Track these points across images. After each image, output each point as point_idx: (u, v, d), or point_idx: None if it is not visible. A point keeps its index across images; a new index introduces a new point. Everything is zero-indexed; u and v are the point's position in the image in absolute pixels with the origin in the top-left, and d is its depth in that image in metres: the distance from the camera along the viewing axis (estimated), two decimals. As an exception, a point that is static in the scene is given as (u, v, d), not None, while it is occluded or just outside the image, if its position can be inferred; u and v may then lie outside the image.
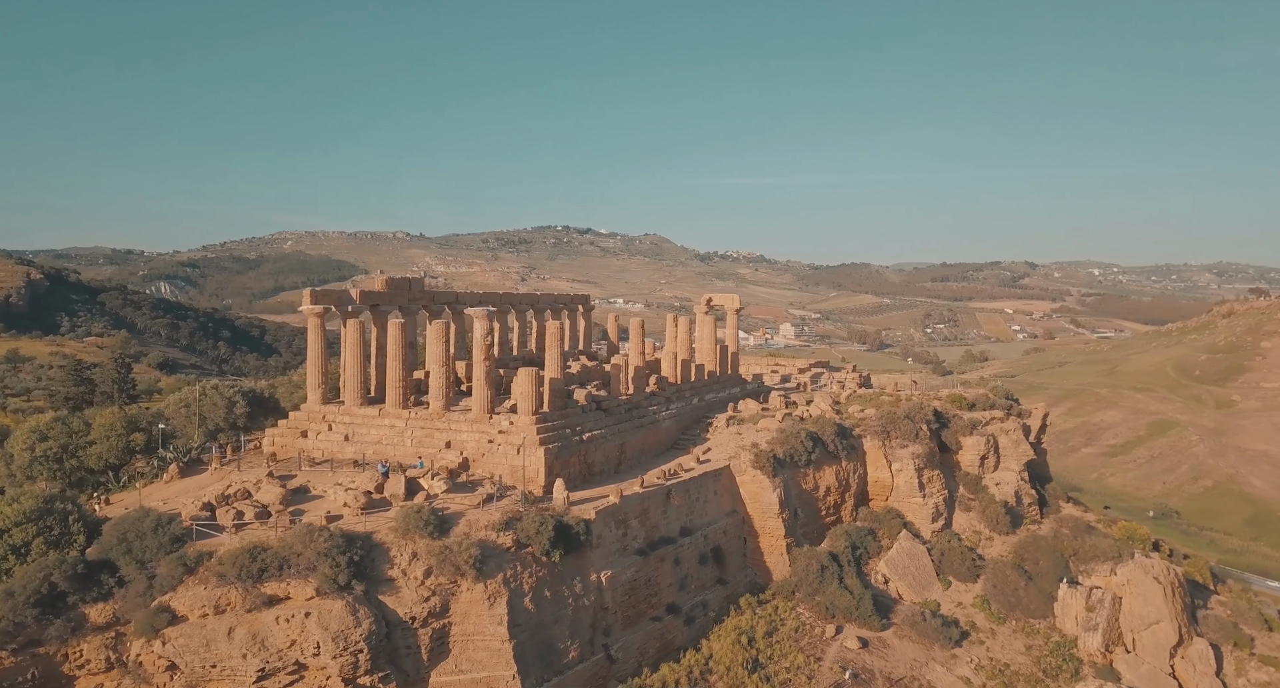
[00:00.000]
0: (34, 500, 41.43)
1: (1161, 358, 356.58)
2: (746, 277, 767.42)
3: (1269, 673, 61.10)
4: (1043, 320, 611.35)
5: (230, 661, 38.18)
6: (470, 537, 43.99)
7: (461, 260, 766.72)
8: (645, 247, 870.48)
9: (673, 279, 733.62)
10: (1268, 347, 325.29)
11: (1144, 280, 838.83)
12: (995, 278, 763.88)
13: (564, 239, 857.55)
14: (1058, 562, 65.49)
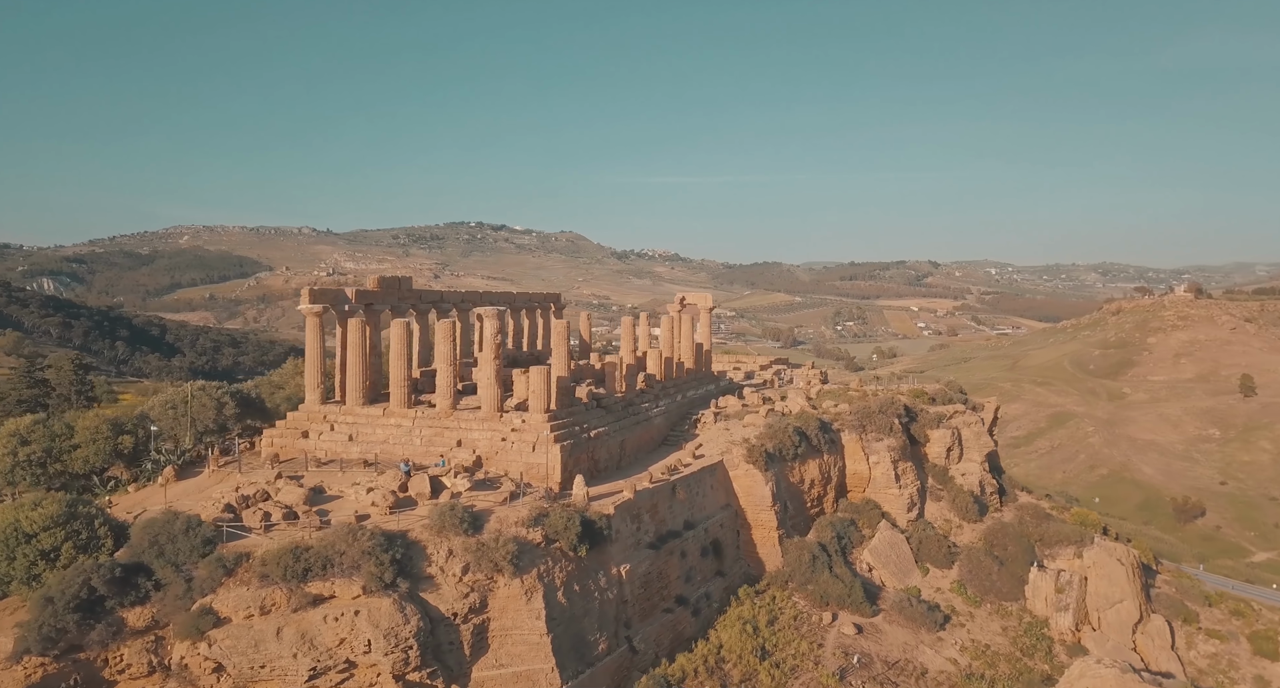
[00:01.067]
0: (58, 505, 40.61)
1: (1059, 353, 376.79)
2: (663, 275, 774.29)
3: (1215, 645, 66.72)
4: (946, 318, 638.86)
5: (280, 661, 38.09)
6: (503, 533, 44.54)
7: (371, 257, 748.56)
8: (562, 244, 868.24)
9: (590, 277, 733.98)
10: (1153, 342, 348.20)
11: (1037, 279, 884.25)
12: (901, 277, 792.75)
13: (478, 236, 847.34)
14: (1025, 547, 69.78)
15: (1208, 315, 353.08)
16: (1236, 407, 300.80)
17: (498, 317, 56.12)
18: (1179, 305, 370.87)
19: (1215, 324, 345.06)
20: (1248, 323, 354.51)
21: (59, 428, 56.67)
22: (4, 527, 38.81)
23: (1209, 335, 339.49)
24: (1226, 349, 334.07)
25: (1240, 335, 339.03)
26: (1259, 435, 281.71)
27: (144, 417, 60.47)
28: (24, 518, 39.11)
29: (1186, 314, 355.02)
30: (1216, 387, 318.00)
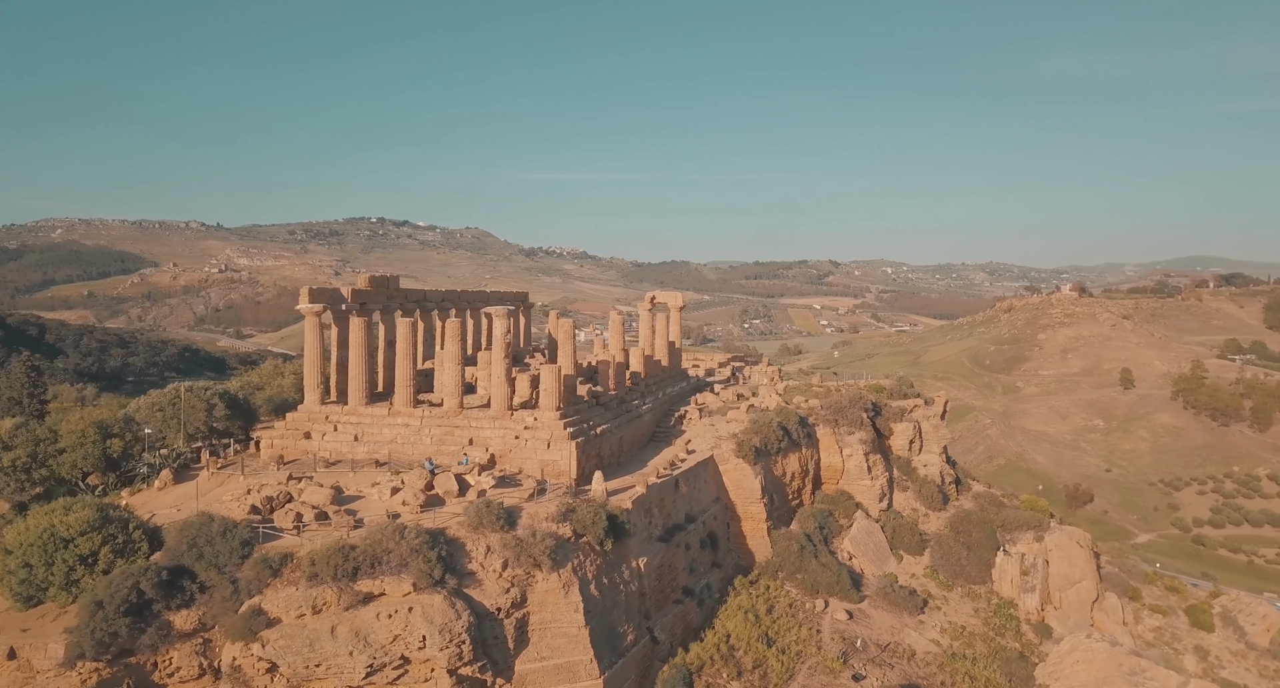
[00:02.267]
0: (91, 509, 40.16)
1: (957, 349, 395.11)
2: (572, 272, 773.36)
3: (1158, 619, 72.58)
4: (847, 315, 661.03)
5: (337, 659, 38.22)
6: (537, 529, 45.34)
7: (267, 253, 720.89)
8: (467, 240, 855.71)
9: (498, 274, 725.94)
10: (1043, 338, 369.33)
11: (930, 278, 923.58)
12: (803, 276, 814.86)
13: (380, 232, 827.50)
14: (988, 533, 74.21)
15: (1090, 313, 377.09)
16: (1118, 399, 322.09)
17: (507, 316, 56.47)
18: (1065, 304, 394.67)
19: (1097, 321, 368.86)
20: (1125, 320, 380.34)
21: (42, 432, 54.53)
22: (40, 533, 38.13)
23: (1092, 332, 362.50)
24: (1108, 345, 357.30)
25: (1119, 332, 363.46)
26: (1138, 425, 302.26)
27: (130, 420, 58.24)
28: (59, 523, 38.53)
29: (1072, 312, 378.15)
30: (1100, 380, 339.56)
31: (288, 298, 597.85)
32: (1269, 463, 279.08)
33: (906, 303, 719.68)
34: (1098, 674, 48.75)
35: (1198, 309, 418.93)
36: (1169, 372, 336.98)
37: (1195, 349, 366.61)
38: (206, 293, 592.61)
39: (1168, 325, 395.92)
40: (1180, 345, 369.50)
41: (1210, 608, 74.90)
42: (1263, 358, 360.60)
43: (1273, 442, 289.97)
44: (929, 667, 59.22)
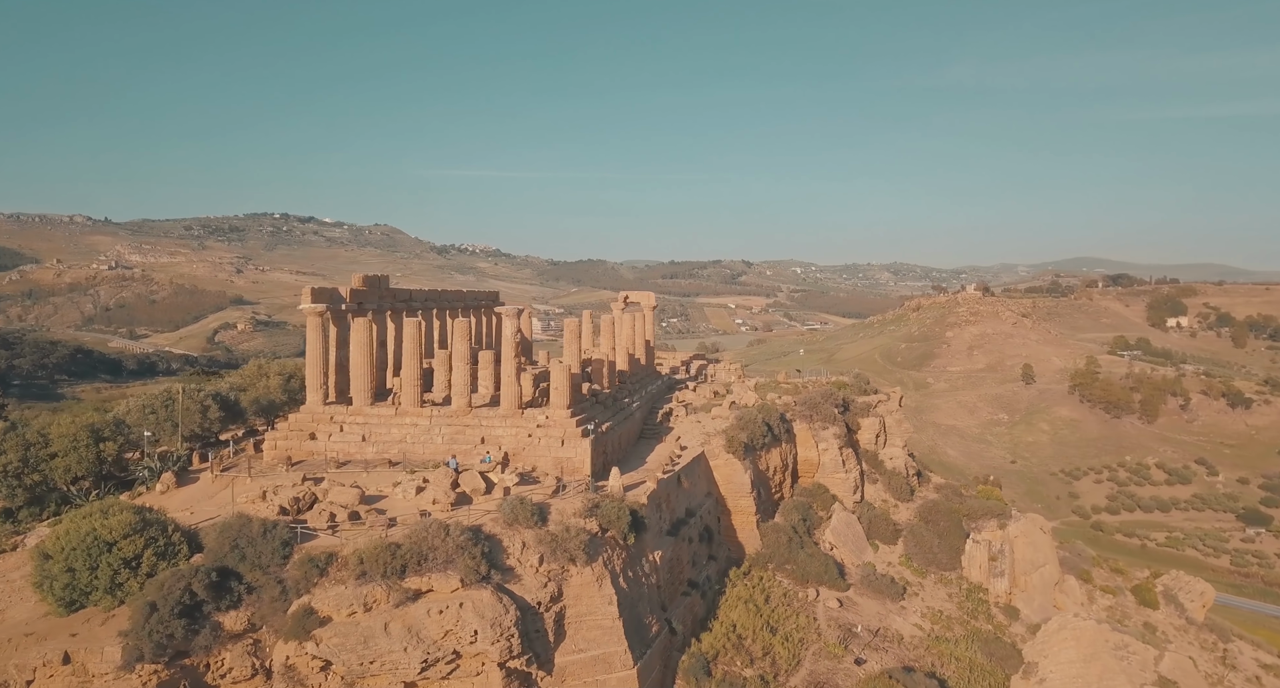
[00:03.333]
0: (129, 512, 39.82)
1: (869, 347, 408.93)
2: (487, 271, 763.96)
3: (1109, 599, 77.86)
4: (761, 314, 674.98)
5: (391, 655, 38.56)
6: (568, 525, 46.24)
7: (161, 249, 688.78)
8: (376, 238, 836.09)
9: (409, 272, 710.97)
10: (951, 336, 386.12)
11: (838, 278, 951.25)
12: (718, 275, 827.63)
13: (283, 228, 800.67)
14: (955, 522, 78.07)
15: (994, 312, 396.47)
16: (1020, 393, 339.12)
17: (516, 316, 56.76)
18: (970, 303, 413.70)
19: (1000, 320, 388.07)
20: (1024, 318, 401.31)
21: (32, 436, 52.69)
22: (83, 537, 37.73)
23: (995, 330, 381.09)
24: (1010, 342, 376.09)
25: (1020, 329, 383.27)
26: (1039, 419, 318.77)
27: (121, 423, 56.26)
28: (100, 527, 38.19)
29: (977, 311, 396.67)
30: (1003, 375, 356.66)
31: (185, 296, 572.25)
32: (1157, 452, 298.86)
33: (816, 302, 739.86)
34: (1086, 650, 52.46)
35: (1089, 308, 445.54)
36: (1066, 367, 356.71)
37: (1088, 346, 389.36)
38: (95, 291, 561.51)
39: (1063, 323, 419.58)
40: (1075, 342, 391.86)
41: (1154, 587, 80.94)
42: (1148, 353, 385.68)
43: (1159, 432, 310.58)
44: (917, 650, 62.31)
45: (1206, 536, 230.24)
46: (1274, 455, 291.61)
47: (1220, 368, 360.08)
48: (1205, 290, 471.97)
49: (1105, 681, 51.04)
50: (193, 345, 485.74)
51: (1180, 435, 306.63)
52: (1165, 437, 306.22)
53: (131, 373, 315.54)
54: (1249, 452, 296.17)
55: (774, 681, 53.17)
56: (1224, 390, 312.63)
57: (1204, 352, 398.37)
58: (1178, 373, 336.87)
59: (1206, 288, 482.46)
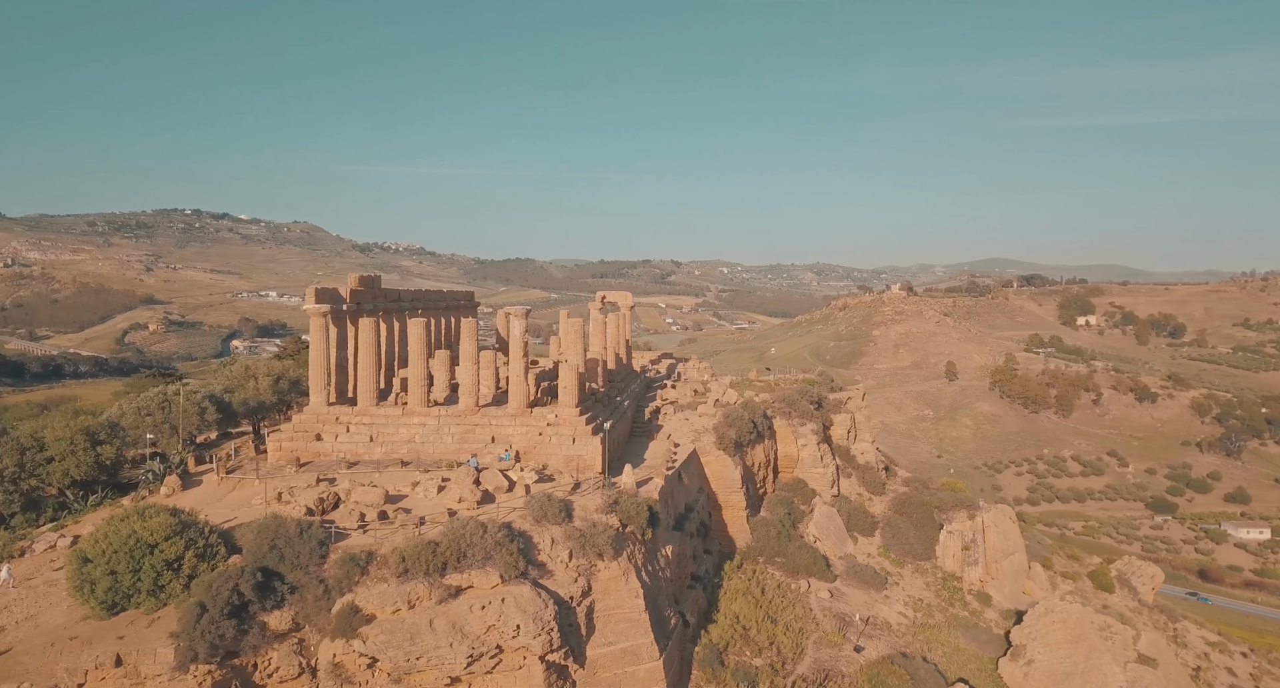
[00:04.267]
0: (165, 514, 39.49)
1: (799, 345, 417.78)
2: (411, 269, 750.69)
3: (1070, 584, 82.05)
4: (690, 314, 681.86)
5: (438, 650, 38.98)
6: (593, 521, 47.18)
7: (63, 246, 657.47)
8: (296, 235, 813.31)
9: (331, 271, 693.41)
10: (877, 334, 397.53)
11: (763, 278, 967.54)
12: (647, 275, 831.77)
13: (195, 225, 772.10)
14: (927, 514, 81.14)
15: (918, 311, 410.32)
16: (944, 390, 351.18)
17: (524, 317, 57.05)
18: (895, 302, 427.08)
19: (924, 318, 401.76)
20: (946, 317, 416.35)
21: (27, 441, 51.23)
22: (124, 539, 37.43)
23: (919, 328, 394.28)
24: (933, 340, 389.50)
25: (943, 328, 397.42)
26: (962, 414, 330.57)
27: (115, 425, 54.47)
28: (140, 529, 37.95)
29: (901, 310, 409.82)
30: (928, 373, 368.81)
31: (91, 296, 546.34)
32: (1072, 445, 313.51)
33: (744, 301, 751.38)
34: (1073, 632, 55.67)
35: (1005, 307, 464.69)
36: (986, 364, 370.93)
37: (1006, 343, 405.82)
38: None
39: (981, 322, 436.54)
40: (994, 340, 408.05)
41: (1109, 572, 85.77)
42: (1061, 351, 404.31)
43: (1074, 426, 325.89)
44: (905, 636, 64.89)
45: (1119, 524, 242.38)
46: (1178, 447, 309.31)
47: (1127, 364, 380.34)
48: (1111, 290, 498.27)
49: (1091, 660, 54.28)
50: (100, 347, 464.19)
51: (1093, 429, 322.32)
52: (1079, 430, 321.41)
53: (36, 376, 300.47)
54: (1155, 444, 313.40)
55: (782, 669, 54.84)
56: (1132, 386, 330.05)
57: (1111, 348, 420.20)
58: (1090, 369, 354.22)
59: (1112, 288, 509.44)
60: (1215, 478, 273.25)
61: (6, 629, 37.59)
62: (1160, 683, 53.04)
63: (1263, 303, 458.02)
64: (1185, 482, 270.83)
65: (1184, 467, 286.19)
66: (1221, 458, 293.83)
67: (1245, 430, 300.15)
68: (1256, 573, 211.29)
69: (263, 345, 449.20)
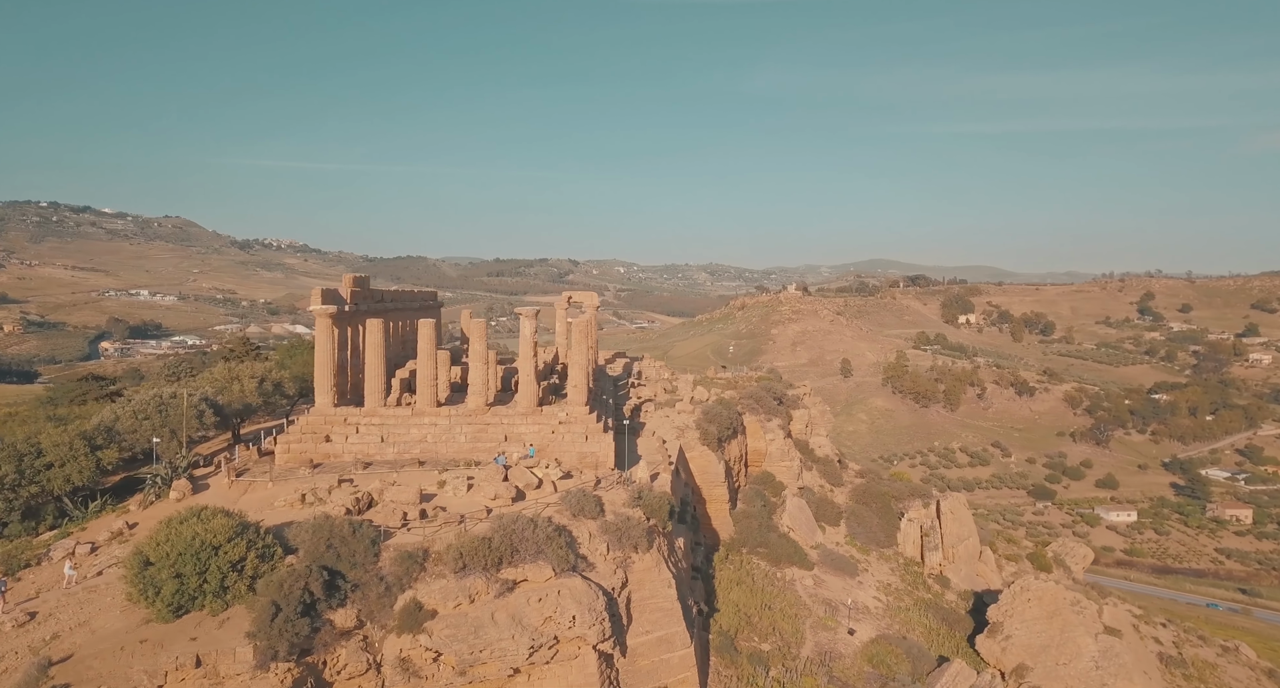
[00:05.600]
0: (222, 516, 39.59)
1: (701, 344, 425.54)
2: (296, 267, 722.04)
3: (1013, 566, 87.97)
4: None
5: (500, 643, 40.11)
6: (625, 515, 48.66)
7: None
8: (168, 230, 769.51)
9: (208, 268, 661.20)
10: (776, 333, 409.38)
11: (659, 277, 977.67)
12: (545, 274, 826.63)
13: (52, 218, 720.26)
14: (885, 503, 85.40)
15: (813, 310, 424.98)
16: (840, 386, 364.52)
17: (534, 318, 57.60)
18: (792, 302, 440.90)
19: (819, 317, 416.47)
20: (839, 315, 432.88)
21: (24, 447, 50.01)
22: (189, 542, 37.37)
23: (815, 327, 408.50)
24: (829, 338, 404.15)
25: (837, 326, 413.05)
26: (858, 409, 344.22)
27: (111, 429, 52.08)
28: (203, 531, 37.96)
29: (798, 309, 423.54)
30: (824, 369, 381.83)
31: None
32: (960, 438, 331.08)
33: (643, 301, 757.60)
34: (1049, 608, 60.35)
35: (893, 306, 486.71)
36: (878, 361, 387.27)
37: (896, 341, 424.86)
38: None
39: (872, 321, 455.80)
40: (884, 338, 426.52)
41: (1046, 554, 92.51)
42: (946, 348, 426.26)
43: (961, 419, 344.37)
44: (884, 619, 68.60)
45: (1006, 511, 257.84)
46: (1054, 437, 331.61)
47: (1005, 360, 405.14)
48: (988, 290, 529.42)
49: (1066, 633, 59.07)
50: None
51: (978, 422, 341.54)
52: (966, 423, 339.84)
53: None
54: (1034, 434, 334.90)
55: (788, 653, 57.42)
56: (1012, 381, 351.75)
57: (990, 345, 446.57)
58: (973, 365, 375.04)
59: (989, 288, 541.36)
60: (1087, 466, 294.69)
61: (62, 636, 36.78)
62: (1127, 651, 58.36)
63: (1121, 302, 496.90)
64: (1062, 470, 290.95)
65: (1060, 456, 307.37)
66: (1092, 447, 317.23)
67: (1112, 421, 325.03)
68: (1127, 553, 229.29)
69: (136, 347, 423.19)
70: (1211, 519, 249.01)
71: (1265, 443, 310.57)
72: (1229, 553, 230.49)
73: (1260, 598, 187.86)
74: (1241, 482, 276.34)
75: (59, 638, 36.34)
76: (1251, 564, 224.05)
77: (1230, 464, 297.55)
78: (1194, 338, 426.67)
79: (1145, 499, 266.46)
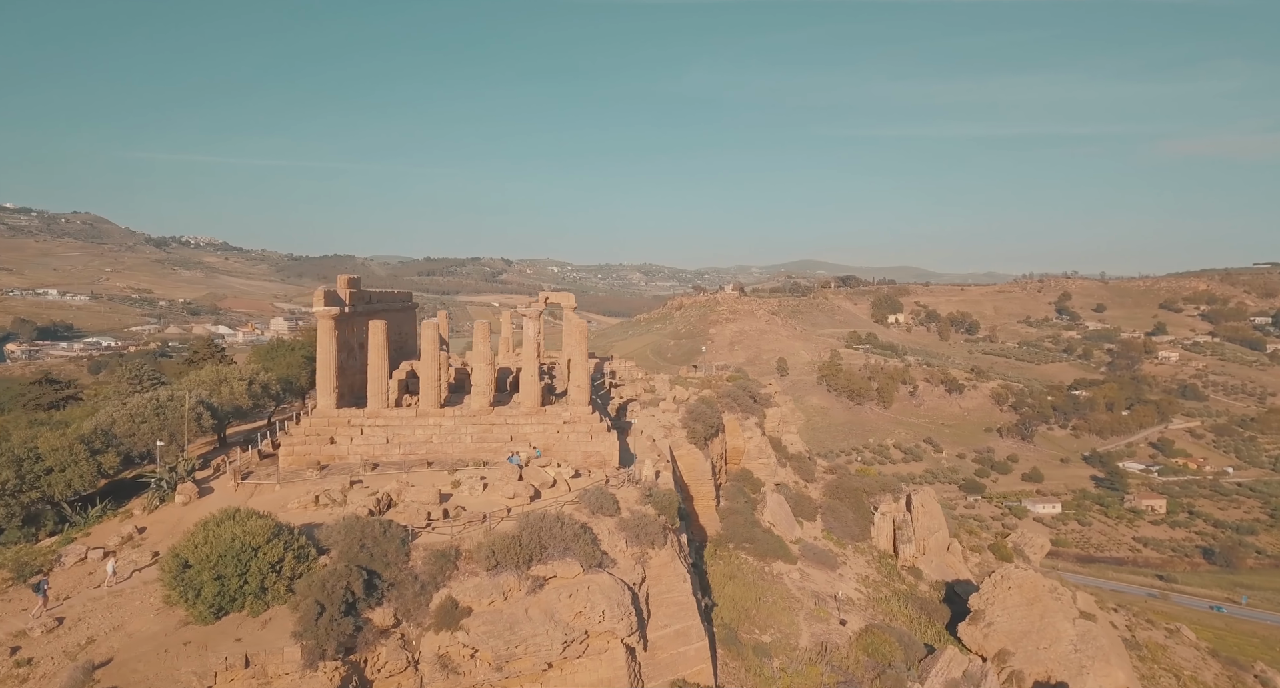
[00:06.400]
0: (259, 518, 39.79)
1: (641, 343, 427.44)
2: (217, 266, 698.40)
3: (978, 556, 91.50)
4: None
5: (536, 638, 41.08)
6: (641, 512, 49.57)
7: None
8: (76, 227, 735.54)
9: (121, 267, 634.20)
10: (714, 333, 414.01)
11: (593, 277, 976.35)
12: (478, 273, 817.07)
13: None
14: (857, 498, 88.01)
15: (750, 310, 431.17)
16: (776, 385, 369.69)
17: (538, 319, 57.81)
18: (729, 302, 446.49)
19: (755, 317, 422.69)
20: (774, 315, 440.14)
21: (22, 451, 49.06)
22: (229, 544, 37.53)
23: (752, 326, 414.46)
24: (765, 337, 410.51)
25: (773, 326, 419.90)
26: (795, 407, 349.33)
27: (108, 433, 50.35)
28: (242, 533, 38.15)
29: (735, 309, 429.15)
30: (761, 368, 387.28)
31: None
32: (894, 434, 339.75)
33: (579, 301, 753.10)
34: (1028, 595, 63.26)
35: (825, 306, 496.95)
36: (813, 360, 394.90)
37: (829, 340, 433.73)
38: None
39: (805, 320, 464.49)
40: (818, 337, 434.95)
41: (1007, 545, 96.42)
42: (877, 347, 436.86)
43: (894, 416, 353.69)
44: (868, 609, 70.82)
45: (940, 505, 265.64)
46: (982, 433, 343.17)
47: (935, 358, 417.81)
48: (916, 291, 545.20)
49: (1045, 619, 62.07)
50: None
51: (911, 419, 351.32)
52: (899, 420, 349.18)
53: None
54: (963, 430, 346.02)
55: (787, 643, 59.00)
56: (943, 378, 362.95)
57: (918, 344, 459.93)
58: (905, 364, 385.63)
59: (917, 288, 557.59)
60: (1014, 460, 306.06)
61: (97, 640, 36.46)
62: (1102, 634, 61.74)
63: (1040, 302, 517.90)
64: (990, 464, 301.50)
65: (988, 451, 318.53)
66: (1018, 442, 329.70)
67: (1036, 417, 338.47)
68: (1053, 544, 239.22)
69: (45, 349, 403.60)
70: (1129, 510, 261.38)
71: (1175, 436, 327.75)
72: (1146, 542, 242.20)
73: (1176, 584, 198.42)
74: (1155, 474, 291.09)
75: (94, 642, 35.96)
76: (1166, 552, 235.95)
77: (1144, 457, 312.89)
78: (1108, 336, 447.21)
79: (1068, 492, 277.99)
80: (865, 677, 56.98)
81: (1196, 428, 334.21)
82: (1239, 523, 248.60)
